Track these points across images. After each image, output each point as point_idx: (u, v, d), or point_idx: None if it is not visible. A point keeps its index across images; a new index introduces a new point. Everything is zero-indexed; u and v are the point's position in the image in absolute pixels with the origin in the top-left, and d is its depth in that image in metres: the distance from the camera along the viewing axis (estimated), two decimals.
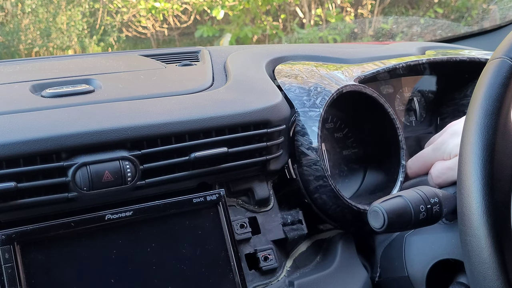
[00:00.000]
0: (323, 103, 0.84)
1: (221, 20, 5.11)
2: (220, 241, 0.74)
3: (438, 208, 0.66)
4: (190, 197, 0.74)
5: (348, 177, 0.96)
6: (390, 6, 5.07)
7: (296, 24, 5.00)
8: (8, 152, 0.63)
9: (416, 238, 0.78)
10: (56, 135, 0.66)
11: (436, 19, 4.19)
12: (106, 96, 0.77)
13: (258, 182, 0.83)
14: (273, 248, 0.81)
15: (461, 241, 0.58)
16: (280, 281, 0.80)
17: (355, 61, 1.03)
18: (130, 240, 0.69)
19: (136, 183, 0.70)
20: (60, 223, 0.66)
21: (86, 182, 0.66)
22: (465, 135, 0.58)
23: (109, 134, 0.68)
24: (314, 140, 0.82)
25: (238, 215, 0.81)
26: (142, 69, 0.93)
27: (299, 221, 0.85)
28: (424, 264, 0.76)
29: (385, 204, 0.64)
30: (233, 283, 0.73)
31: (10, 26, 5.43)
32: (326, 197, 0.83)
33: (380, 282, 0.85)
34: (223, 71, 0.93)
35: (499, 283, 0.54)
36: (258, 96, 0.82)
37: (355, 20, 4.86)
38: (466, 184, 0.56)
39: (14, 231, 0.64)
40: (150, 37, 5.63)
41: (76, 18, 5.53)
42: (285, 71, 0.93)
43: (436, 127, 1.14)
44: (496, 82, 0.57)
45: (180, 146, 0.73)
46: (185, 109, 0.75)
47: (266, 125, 0.79)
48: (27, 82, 0.81)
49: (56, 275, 0.65)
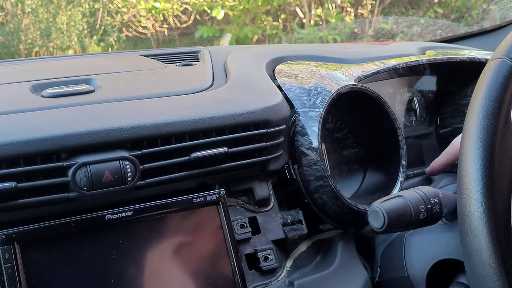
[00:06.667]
0: (323, 103, 0.84)
1: (221, 20, 5.10)
2: (220, 241, 0.74)
3: (438, 208, 0.66)
4: (190, 197, 0.74)
5: (348, 177, 0.96)
6: (390, 6, 5.07)
7: (296, 24, 4.99)
8: (8, 152, 0.63)
9: (416, 238, 0.78)
10: (56, 135, 0.66)
11: (436, 19, 4.19)
12: (106, 96, 0.77)
13: (258, 182, 0.83)
14: (273, 248, 0.81)
15: (461, 241, 0.58)
16: (280, 281, 0.80)
17: (355, 61, 1.03)
18: (130, 240, 0.69)
19: (136, 183, 0.70)
20: (60, 223, 0.66)
21: (86, 182, 0.66)
22: (465, 136, 0.58)
23: (109, 134, 0.68)
24: (314, 140, 0.82)
25: (238, 215, 0.81)
26: (142, 69, 0.93)
27: (299, 221, 0.85)
28: (424, 264, 0.76)
29: (385, 204, 0.64)
30: (233, 283, 0.73)
31: (10, 26, 5.43)
32: (326, 197, 0.83)
33: (380, 282, 0.85)
34: (223, 71, 0.93)
35: (499, 283, 0.54)
36: (258, 96, 0.82)
37: (355, 20, 4.86)
38: (466, 184, 0.56)
39: (14, 231, 0.64)
40: (150, 37, 5.63)
41: (76, 18, 5.53)
42: (285, 71, 0.93)
43: (436, 127, 1.14)
44: (496, 82, 0.57)
45: (180, 146, 0.73)
46: (185, 109, 0.75)
47: (266, 125, 0.79)
48: (27, 82, 0.81)
49: (56, 275, 0.65)
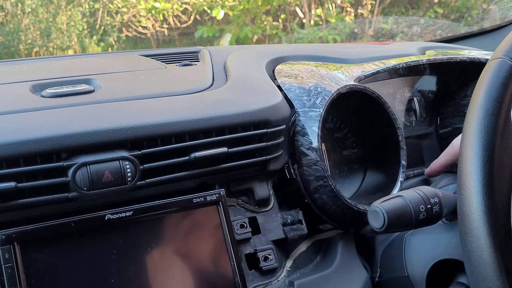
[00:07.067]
0: (323, 103, 0.84)
1: (221, 20, 5.10)
2: (220, 241, 0.74)
3: (438, 208, 0.66)
4: (190, 197, 0.74)
5: (348, 177, 0.96)
6: (390, 6, 5.07)
7: (296, 24, 4.99)
8: (8, 152, 0.63)
9: (416, 238, 0.78)
10: (56, 135, 0.66)
11: (436, 19, 4.19)
12: (106, 96, 0.77)
13: (258, 182, 0.83)
14: (273, 248, 0.81)
15: (461, 241, 0.58)
16: (280, 281, 0.80)
17: (355, 61, 1.03)
18: (130, 240, 0.69)
19: (136, 183, 0.70)
20: (60, 223, 0.66)
21: (86, 182, 0.66)
22: (465, 135, 0.58)
23: (109, 134, 0.68)
24: (314, 140, 0.82)
25: (238, 215, 0.81)
26: (142, 69, 0.93)
27: (299, 221, 0.85)
28: (424, 264, 0.76)
29: (385, 204, 0.64)
30: (233, 283, 0.73)
31: (10, 26, 5.43)
32: (326, 197, 0.83)
33: (380, 282, 0.85)
34: (223, 71, 0.93)
35: (499, 283, 0.54)
36: (258, 96, 0.82)
37: (355, 20, 4.86)
38: (466, 184, 0.56)
39: (14, 231, 0.64)
40: (150, 37, 5.62)
41: (76, 18, 5.53)
42: (285, 71, 0.93)
43: (436, 127, 1.14)
44: (496, 82, 0.57)
45: (180, 146, 0.73)
46: (185, 109, 0.75)
47: (266, 125, 0.79)
48: (27, 82, 0.81)
49: (56, 275, 0.65)
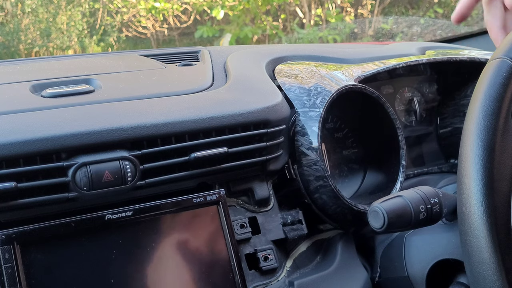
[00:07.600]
0: (323, 103, 0.84)
1: (221, 20, 5.10)
2: (220, 241, 0.74)
3: (438, 208, 0.66)
4: (190, 197, 0.74)
5: (348, 177, 0.96)
6: (390, 6, 5.07)
7: (296, 24, 5.00)
8: (8, 152, 0.63)
9: (416, 238, 0.78)
10: (56, 135, 0.66)
11: (436, 19, 4.19)
12: (106, 96, 0.77)
13: (258, 182, 0.83)
14: (273, 248, 0.81)
15: (461, 241, 0.58)
16: (280, 281, 0.80)
17: (355, 61, 1.03)
18: (130, 240, 0.69)
19: (136, 183, 0.70)
20: (60, 223, 0.66)
21: (86, 182, 0.66)
22: (465, 135, 0.58)
23: (109, 134, 0.68)
24: (314, 140, 0.82)
25: (238, 215, 0.81)
26: (142, 69, 0.93)
27: (299, 221, 0.85)
28: (424, 264, 0.76)
29: (385, 204, 0.64)
30: (233, 283, 0.73)
31: (10, 26, 5.43)
32: (326, 197, 0.83)
33: (380, 282, 0.85)
34: (223, 71, 0.93)
35: (499, 283, 0.54)
36: (258, 96, 0.82)
37: (355, 20, 4.86)
38: (466, 184, 0.56)
39: (14, 231, 0.64)
40: (150, 37, 5.62)
41: (76, 18, 5.53)
42: (285, 71, 0.93)
43: (436, 127, 1.14)
44: (496, 82, 0.57)
45: (180, 146, 0.73)
46: (185, 109, 0.75)
47: (266, 125, 0.79)
48: (27, 82, 0.81)
49: (56, 275, 0.65)
